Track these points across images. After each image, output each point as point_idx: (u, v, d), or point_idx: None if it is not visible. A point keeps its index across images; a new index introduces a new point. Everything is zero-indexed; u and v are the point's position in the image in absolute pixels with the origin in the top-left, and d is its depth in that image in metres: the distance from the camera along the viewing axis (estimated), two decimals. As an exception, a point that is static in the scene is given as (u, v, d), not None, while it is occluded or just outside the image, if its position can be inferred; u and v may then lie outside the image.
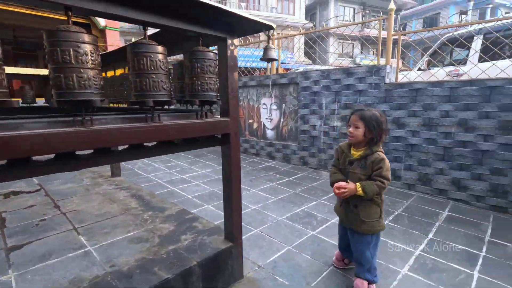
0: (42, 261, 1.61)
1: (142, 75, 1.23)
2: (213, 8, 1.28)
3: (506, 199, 3.03)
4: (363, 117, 1.60)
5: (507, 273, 2.00)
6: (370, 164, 1.59)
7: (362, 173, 1.62)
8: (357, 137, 1.63)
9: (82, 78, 1.03)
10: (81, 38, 1.01)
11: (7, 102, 0.91)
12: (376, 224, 1.66)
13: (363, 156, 1.63)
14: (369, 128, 1.59)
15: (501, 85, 2.98)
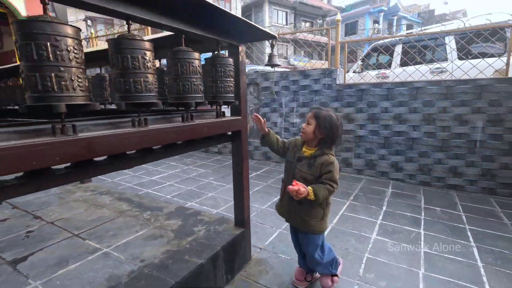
0: (61, 268, 1.57)
1: (184, 79, 1.36)
2: (234, 18, 1.48)
3: (430, 176, 3.89)
4: (317, 115, 1.56)
5: (440, 228, 2.67)
6: (319, 165, 1.53)
7: (309, 172, 1.56)
8: (307, 133, 1.58)
9: (148, 82, 1.13)
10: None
11: (91, 105, 0.97)
12: (317, 225, 1.61)
13: (313, 155, 1.57)
14: (320, 126, 1.54)
15: (424, 86, 3.81)
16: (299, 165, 1.60)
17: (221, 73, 1.62)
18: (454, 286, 1.86)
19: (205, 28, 1.50)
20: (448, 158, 3.77)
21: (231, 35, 1.72)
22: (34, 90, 0.85)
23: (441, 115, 3.75)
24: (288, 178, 1.66)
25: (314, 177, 1.55)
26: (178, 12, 1.30)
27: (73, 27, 0.89)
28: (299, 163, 1.60)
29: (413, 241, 2.43)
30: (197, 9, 1.30)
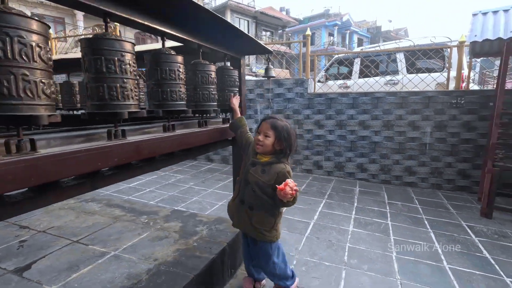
0: (74, 272, 1.59)
1: (203, 88, 1.52)
2: (242, 33, 1.68)
3: (390, 175, 4.42)
4: (275, 127, 1.48)
5: (403, 219, 3.11)
6: (275, 174, 1.45)
7: (263, 179, 1.47)
8: (266, 146, 1.49)
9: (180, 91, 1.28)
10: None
11: (139, 113, 1.09)
12: (268, 234, 1.53)
13: (268, 162, 1.49)
14: (280, 138, 1.47)
15: (383, 96, 4.34)
16: (253, 170, 1.51)
17: (229, 82, 1.80)
18: (421, 264, 2.23)
19: (217, 43, 1.67)
20: (404, 159, 4.33)
21: (235, 48, 1.91)
22: (100, 98, 0.96)
23: (398, 121, 4.31)
24: (242, 179, 1.58)
25: (268, 185, 1.45)
26: (200, 29, 1.46)
27: (132, 43, 1.02)
28: (252, 168, 1.52)
29: (383, 231, 2.81)
30: (218, 28, 1.47)
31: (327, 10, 34.45)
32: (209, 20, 1.33)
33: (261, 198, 1.49)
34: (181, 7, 1.14)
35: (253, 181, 1.50)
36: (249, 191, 1.52)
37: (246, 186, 1.53)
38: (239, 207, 1.58)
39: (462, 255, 2.37)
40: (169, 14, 1.22)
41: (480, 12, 3.16)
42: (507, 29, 2.73)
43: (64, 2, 0.90)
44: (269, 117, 1.55)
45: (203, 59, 1.59)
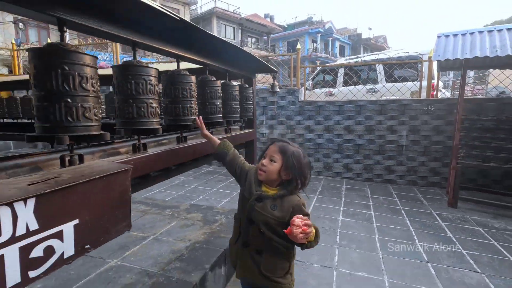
0: (126, 250, 1.98)
1: (211, 102, 1.96)
2: (254, 59, 2.14)
3: (372, 173, 4.99)
4: (284, 151, 1.24)
5: (384, 209, 3.64)
6: (289, 209, 1.20)
7: (274, 216, 1.20)
8: (270, 173, 1.23)
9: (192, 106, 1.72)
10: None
11: (158, 130, 1.45)
12: (282, 281, 1.26)
13: (278, 195, 1.23)
14: (287, 166, 1.22)
15: (365, 104, 4.92)
16: (259, 206, 1.22)
17: (245, 98, 2.25)
18: (398, 243, 2.74)
19: (238, 66, 2.13)
20: (384, 159, 4.91)
21: (248, 69, 2.37)
22: (128, 116, 1.19)
23: (378, 126, 4.89)
24: (244, 218, 1.29)
25: (281, 223, 1.19)
26: (225, 57, 1.91)
27: (155, 69, 1.26)
28: (258, 204, 1.23)
29: (367, 219, 3.32)
30: (240, 56, 1.93)
31: (310, 18, 35.52)
32: (228, 47, 1.78)
33: (271, 240, 1.20)
34: (203, 39, 1.55)
35: (261, 220, 1.21)
36: (255, 231, 1.23)
37: (249, 225, 1.25)
38: (242, 251, 1.29)
39: (431, 235, 2.91)
40: (195, 43, 1.65)
41: (443, 35, 3.78)
42: (464, 50, 3.34)
43: (104, 36, 1.09)
44: (279, 140, 1.29)
45: (219, 78, 2.02)
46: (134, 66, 1.12)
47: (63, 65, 0.83)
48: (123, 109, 1.14)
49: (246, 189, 1.30)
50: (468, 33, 3.65)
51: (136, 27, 1.13)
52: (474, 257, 2.50)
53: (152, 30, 1.20)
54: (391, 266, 2.34)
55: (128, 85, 1.12)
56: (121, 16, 1.03)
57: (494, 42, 3.31)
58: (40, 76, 0.84)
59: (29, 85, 0.89)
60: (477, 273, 2.27)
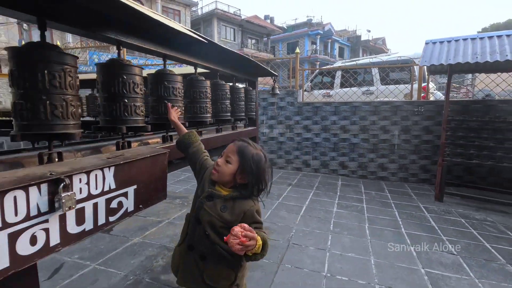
0: (145, 231, 2.27)
1: (222, 103, 2.26)
2: (258, 65, 2.43)
3: (366, 171, 5.29)
4: (242, 153, 1.12)
5: (375, 202, 3.94)
6: (240, 213, 1.09)
7: (222, 218, 1.09)
8: (223, 175, 1.13)
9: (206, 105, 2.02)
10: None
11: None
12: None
13: (231, 196, 1.12)
14: (244, 169, 1.11)
15: (360, 105, 5.23)
16: (208, 206, 1.11)
17: (249, 99, 2.55)
18: (385, 230, 3.04)
19: (243, 71, 2.43)
20: (378, 157, 5.22)
21: (251, 74, 2.67)
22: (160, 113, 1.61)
23: (372, 126, 5.19)
24: (192, 217, 1.18)
25: (227, 228, 1.03)
26: (232, 63, 2.21)
27: (179, 75, 1.60)
28: (208, 202, 1.12)
29: (359, 211, 3.62)
30: (245, 62, 2.23)
31: (309, 19, 35.82)
32: (235, 56, 2.08)
33: (217, 244, 1.08)
34: (213, 50, 1.86)
35: (207, 220, 1.09)
36: (200, 233, 1.11)
37: (196, 225, 1.13)
38: (186, 255, 1.16)
39: (416, 225, 3.21)
40: (207, 53, 1.95)
41: (431, 41, 4.09)
42: (448, 57, 3.65)
43: (143, 50, 1.61)
44: (239, 139, 1.18)
45: (227, 81, 2.32)
46: (166, 74, 1.43)
47: (123, 75, 1.10)
48: (156, 107, 1.44)
49: (200, 186, 1.19)
50: (453, 40, 3.96)
51: (167, 43, 1.42)
52: (452, 242, 2.80)
53: (179, 45, 1.50)
54: (378, 249, 2.63)
55: (160, 88, 1.42)
56: (159, 37, 1.33)
57: (476, 49, 3.62)
58: (106, 82, 1.11)
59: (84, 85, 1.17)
60: (453, 255, 2.57)
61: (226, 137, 2.07)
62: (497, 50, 3.42)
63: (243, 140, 1.16)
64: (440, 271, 2.29)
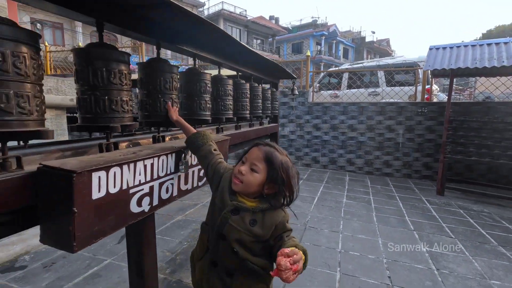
0: (185, 211, 2.64)
1: (241, 101, 2.62)
2: (282, 69, 2.79)
3: (372, 167, 5.64)
4: (270, 160, 1.00)
5: (381, 195, 4.29)
6: (271, 226, 0.99)
7: (252, 233, 0.98)
8: (249, 185, 1.00)
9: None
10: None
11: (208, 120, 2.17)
12: None
13: (259, 208, 1.00)
14: (273, 179, 0.99)
15: (366, 105, 5.57)
16: (235, 220, 1.00)
17: (274, 99, 2.91)
18: (391, 217, 3.39)
19: (268, 74, 2.79)
20: (383, 155, 5.56)
21: (275, 76, 3.04)
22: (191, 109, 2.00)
23: (378, 125, 5.53)
24: (213, 231, 1.05)
25: (258, 242, 0.99)
26: (264, 69, 2.57)
27: (209, 74, 1.95)
28: (233, 216, 1.00)
29: (367, 202, 3.97)
30: (270, 66, 2.59)
31: (314, 20, 36.01)
32: (259, 59, 2.43)
33: (247, 260, 1.00)
34: (241, 52, 2.23)
35: (235, 237, 0.99)
36: (227, 250, 1.01)
37: (219, 241, 1.03)
38: (209, 271, 1.07)
39: (419, 214, 3.56)
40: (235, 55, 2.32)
41: (434, 47, 4.42)
42: (450, 62, 3.98)
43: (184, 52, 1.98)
44: (265, 143, 1.07)
45: (251, 82, 2.68)
46: (198, 73, 1.76)
47: (164, 75, 1.30)
48: (189, 104, 1.76)
49: (218, 195, 1.06)
50: (455, 46, 4.30)
51: (198, 44, 1.74)
52: (451, 228, 3.14)
53: (208, 46, 1.81)
54: (385, 232, 2.99)
55: (195, 87, 1.74)
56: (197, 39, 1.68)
57: (475, 55, 3.95)
58: (146, 81, 1.30)
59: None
60: (451, 238, 2.91)
61: (258, 131, 2.44)
62: (494, 56, 3.75)
63: (268, 145, 1.04)
64: (440, 250, 2.64)
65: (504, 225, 3.29)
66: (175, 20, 1.26)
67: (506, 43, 3.93)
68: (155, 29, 1.30)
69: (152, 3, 1.05)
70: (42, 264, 2.11)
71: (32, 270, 2.05)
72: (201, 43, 1.65)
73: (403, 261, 2.42)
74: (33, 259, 2.19)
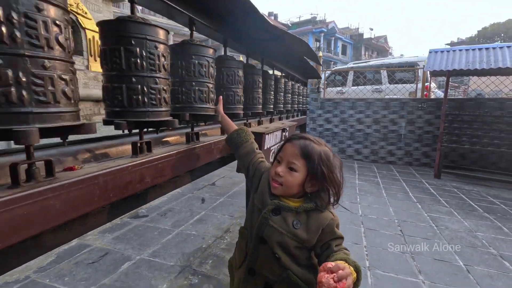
0: (237, 186, 3.32)
1: (297, 99, 3.30)
2: (315, 71, 3.46)
3: (377, 156, 6.36)
4: (308, 154, 0.87)
5: (387, 178, 5.01)
6: (318, 229, 0.87)
7: (296, 237, 0.87)
8: (289, 186, 0.88)
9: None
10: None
11: (262, 113, 2.84)
12: None
13: (303, 208, 0.89)
14: (314, 175, 0.87)
15: (373, 101, 6.27)
16: (276, 221, 0.89)
17: (304, 95, 3.58)
18: (398, 193, 4.11)
19: (303, 75, 3.47)
20: (387, 145, 6.27)
21: (306, 76, 3.71)
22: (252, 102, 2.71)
23: (383, 119, 6.24)
24: (252, 234, 0.95)
25: (303, 249, 0.89)
26: (299, 69, 3.24)
27: (261, 69, 2.75)
28: (274, 217, 0.90)
29: (376, 183, 4.69)
30: (305, 69, 3.27)
31: (314, 17, 36.43)
32: (304, 62, 3.10)
33: (289, 269, 0.89)
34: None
35: (277, 240, 0.88)
36: (267, 255, 0.91)
37: (259, 246, 0.92)
38: (245, 281, 0.96)
39: (420, 191, 4.29)
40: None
41: (434, 51, 5.11)
42: (447, 64, 4.67)
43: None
44: (298, 136, 0.93)
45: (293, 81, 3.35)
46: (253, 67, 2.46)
47: (224, 69, 1.64)
48: (252, 98, 2.46)
49: (258, 196, 0.98)
50: (451, 50, 5.00)
51: (264, 48, 2.43)
52: (447, 201, 3.87)
53: (271, 52, 2.50)
54: (394, 203, 3.70)
55: (251, 82, 2.44)
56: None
57: (469, 58, 4.65)
58: (247, 80, 2.18)
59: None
60: (446, 207, 3.64)
61: (299, 121, 3.13)
62: (484, 59, 4.46)
63: (302, 137, 0.92)
64: (437, 215, 3.36)
65: (490, 199, 4.03)
66: (250, 24, 1.56)
67: (494, 48, 4.64)
68: (224, 26, 1.48)
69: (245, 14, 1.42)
70: (158, 214, 2.82)
71: (153, 217, 2.84)
72: (269, 50, 2.28)
73: (410, 221, 3.14)
74: (149, 211, 2.94)
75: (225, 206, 3.05)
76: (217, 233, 2.35)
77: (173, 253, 2.03)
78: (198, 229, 2.43)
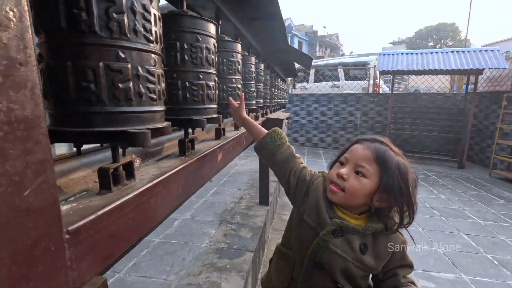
0: (229, 176, 3.88)
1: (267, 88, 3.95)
2: (294, 71, 4.13)
3: (338, 143, 7.34)
4: (384, 161, 0.73)
5: (348, 161, 5.96)
6: (387, 254, 0.75)
7: (363, 264, 0.74)
8: (354, 193, 0.74)
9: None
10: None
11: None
12: None
13: (370, 228, 0.75)
14: (388, 187, 0.72)
15: (334, 96, 7.21)
16: (337, 245, 0.74)
17: (283, 89, 4.24)
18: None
19: (284, 73, 4.11)
20: (346, 134, 7.28)
21: (287, 74, 4.35)
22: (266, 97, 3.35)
23: (342, 111, 7.22)
24: (303, 257, 0.80)
25: (367, 276, 0.78)
26: (282, 67, 3.88)
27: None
28: (336, 239, 0.74)
29: (340, 165, 5.59)
30: (290, 69, 3.92)
31: (271, 14, 37.09)
32: (289, 62, 3.73)
33: None
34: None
35: (341, 267, 0.74)
36: (324, 283, 0.78)
37: (313, 272, 0.78)
38: None
39: (444, 178, 5.25)
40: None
41: (382, 54, 6.15)
42: (393, 65, 5.71)
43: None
44: (372, 138, 0.79)
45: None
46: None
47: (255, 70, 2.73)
48: (270, 93, 3.08)
49: (311, 211, 0.79)
50: (395, 54, 6.08)
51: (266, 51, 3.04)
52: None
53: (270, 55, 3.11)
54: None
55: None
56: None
57: (408, 61, 5.74)
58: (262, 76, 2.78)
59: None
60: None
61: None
62: (419, 62, 5.57)
63: (377, 140, 0.77)
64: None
65: (425, 173, 5.15)
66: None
67: (427, 53, 5.80)
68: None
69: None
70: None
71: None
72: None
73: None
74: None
75: (230, 183, 3.56)
76: (234, 200, 2.89)
77: (208, 214, 2.53)
78: (217, 199, 2.94)
